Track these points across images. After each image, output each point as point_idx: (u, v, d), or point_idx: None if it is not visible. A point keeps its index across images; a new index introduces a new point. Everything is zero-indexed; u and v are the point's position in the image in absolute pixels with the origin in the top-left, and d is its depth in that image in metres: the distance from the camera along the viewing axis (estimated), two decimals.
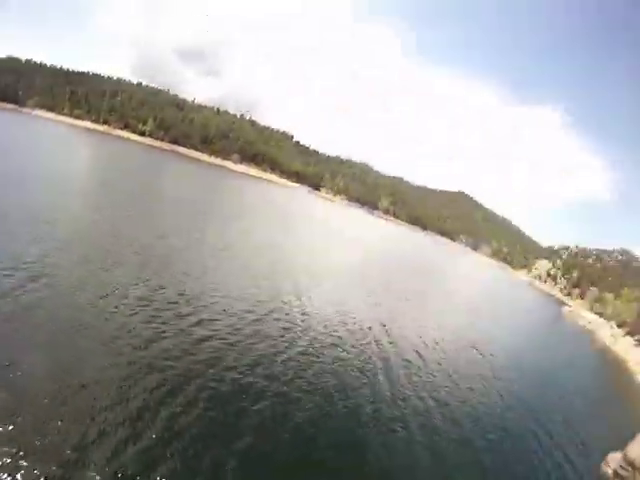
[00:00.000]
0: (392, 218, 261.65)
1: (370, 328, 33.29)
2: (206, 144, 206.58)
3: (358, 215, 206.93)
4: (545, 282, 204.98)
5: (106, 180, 66.76)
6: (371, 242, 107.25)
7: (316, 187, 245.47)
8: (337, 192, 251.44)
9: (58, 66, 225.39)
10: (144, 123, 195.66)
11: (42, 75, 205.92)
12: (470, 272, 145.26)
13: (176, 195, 70.51)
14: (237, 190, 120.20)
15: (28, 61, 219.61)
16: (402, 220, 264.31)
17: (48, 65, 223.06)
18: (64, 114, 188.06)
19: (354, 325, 32.76)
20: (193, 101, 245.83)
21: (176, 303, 26.34)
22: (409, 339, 34.19)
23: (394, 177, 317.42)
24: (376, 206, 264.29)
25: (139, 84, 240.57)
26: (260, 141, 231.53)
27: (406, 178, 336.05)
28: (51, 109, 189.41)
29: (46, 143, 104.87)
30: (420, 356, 30.99)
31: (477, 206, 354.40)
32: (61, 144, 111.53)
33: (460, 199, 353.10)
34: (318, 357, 25.31)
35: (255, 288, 33.95)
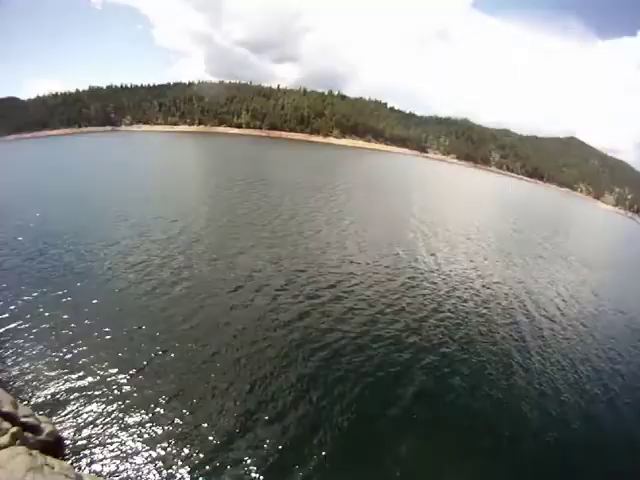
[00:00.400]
0: (507, 172, 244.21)
1: (511, 288, 34.16)
2: (304, 125, 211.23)
3: (473, 173, 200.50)
4: None
5: (240, 170, 75.71)
6: (501, 200, 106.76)
7: (422, 149, 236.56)
8: (445, 152, 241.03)
9: (139, 84, 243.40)
10: (238, 116, 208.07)
11: (127, 95, 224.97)
12: (604, 224, 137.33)
13: (303, 174, 74.29)
14: (354, 163, 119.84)
15: (109, 87, 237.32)
16: (517, 173, 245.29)
17: (129, 85, 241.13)
18: (158, 124, 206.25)
19: (495, 287, 33.61)
20: (278, 87, 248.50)
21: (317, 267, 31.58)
22: (553, 302, 33.68)
23: (499, 130, 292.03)
24: (488, 161, 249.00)
25: (221, 82, 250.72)
26: (355, 113, 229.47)
27: (512, 129, 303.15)
28: (145, 122, 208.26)
29: (157, 148, 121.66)
30: (572, 324, 30.27)
31: (591, 151, 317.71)
32: (170, 146, 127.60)
33: (572, 145, 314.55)
34: (466, 318, 27.13)
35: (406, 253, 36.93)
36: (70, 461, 14.24)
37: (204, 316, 24.44)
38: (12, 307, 25.16)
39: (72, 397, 17.74)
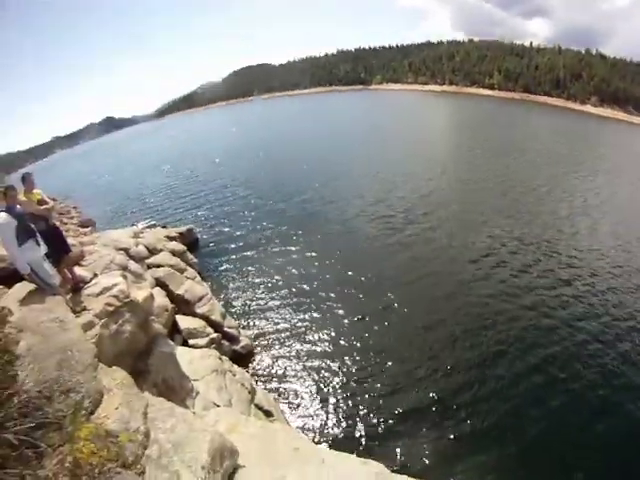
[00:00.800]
0: None
1: None
2: (559, 88, 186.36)
3: None
4: None
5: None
6: None
7: None
8: None
9: (386, 45, 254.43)
10: (490, 76, 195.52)
11: (375, 56, 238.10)
12: None
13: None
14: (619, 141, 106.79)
15: (357, 49, 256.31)
16: None
17: (377, 47, 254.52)
18: (409, 83, 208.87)
19: None
20: (531, 45, 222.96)
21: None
22: None
23: None
24: None
25: (470, 40, 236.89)
26: (616, 77, 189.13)
27: None
28: (395, 81, 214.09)
29: (407, 106, 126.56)
30: None
31: None
32: (420, 105, 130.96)
33: None
34: None
35: None
36: (251, 374, 16.47)
37: (429, 283, 23.96)
38: (253, 239, 29.58)
39: (275, 324, 20.08)
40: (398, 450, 13.38)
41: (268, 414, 12.45)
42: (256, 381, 15.84)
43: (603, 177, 52.95)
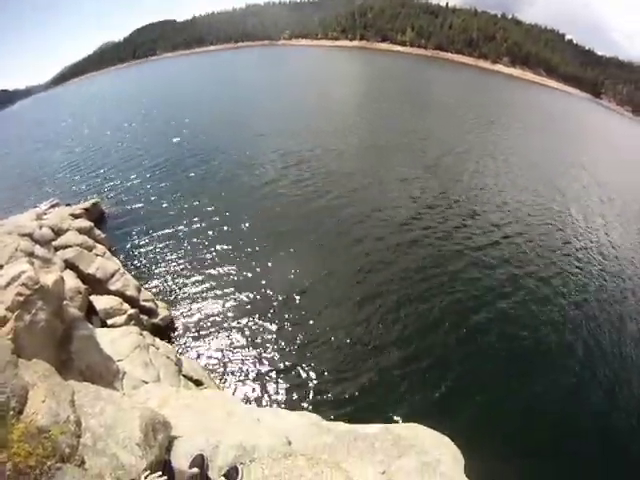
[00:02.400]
0: None
1: None
2: (472, 48, 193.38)
3: None
4: None
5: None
6: None
7: (596, 94, 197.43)
8: (620, 102, 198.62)
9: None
10: (403, 33, 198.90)
11: (285, 10, 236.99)
12: None
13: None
14: (523, 98, 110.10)
15: (267, 3, 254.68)
16: None
17: (287, 1, 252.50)
18: (318, 38, 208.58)
19: None
20: (447, 5, 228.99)
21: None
22: None
23: None
24: None
25: None
26: (529, 41, 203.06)
27: None
28: (304, 37, 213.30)
29: (311, 62, 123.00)
30: None
31: None
32: (325, 61, 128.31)
33: None
34: None
35: None
36: (175, 345, 16.42)
37: (346, 238, 24.74)
38: (159, 207, 28.89)
39: (192, 291, 20.08)
40: (333, 401, 14.12)
41: (198, 383, 12.59)
42: (181, 352, 15.89)
43: (517, 134, 56.42)
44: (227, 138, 42.92)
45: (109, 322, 14.45)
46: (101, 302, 15.15)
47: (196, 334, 17.36)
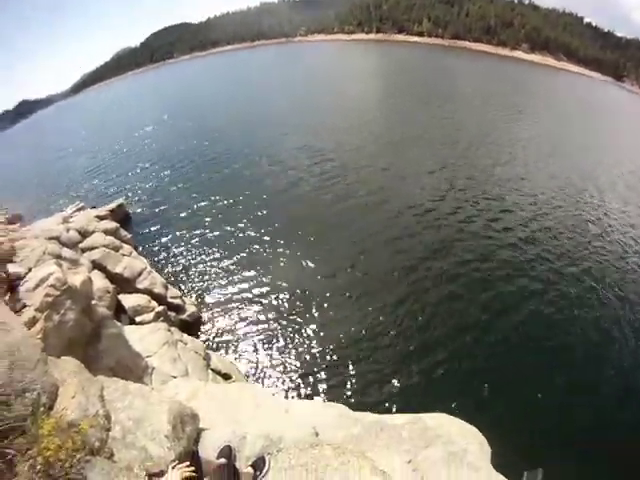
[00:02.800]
0: None
1: None
2: (490, 35, 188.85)
3: None
4: None
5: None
6: None
7: (618, 77, 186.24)
8: None
9: None
10: (419, 24, 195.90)
11: (299, 8, 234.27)
12: None
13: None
14: (544, 84, 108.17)
15: (281, 1, 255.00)
16: None
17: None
18: (334, 33, 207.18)
19: None
20: None
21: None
22: None
23: None
24: None
25: None
26: (547, 26, 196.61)
27: None
28: (320, 32, 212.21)
29: (328, 58, 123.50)
30: None
31: None
32: (343, 56, 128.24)
33: None
34: None
35: None
36: (203, 340, 16.65)
37: (373, 235, 24.35)
38: (184, 206, 29.21)
39: (219, 288, 20.26)
40: (361, 392, 14.17)
41: (226, 377, 12.76)
42: (209, 347, 16.07)
43: (544, 121, 55.03)
44: (247, 138, 42.93)
45: (137, 319, 14.73)
46: (129, 300, 15.45)
47: (224, 329, 17.55)
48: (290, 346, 16.23)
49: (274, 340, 16.64)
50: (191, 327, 17.05)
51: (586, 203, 29.75)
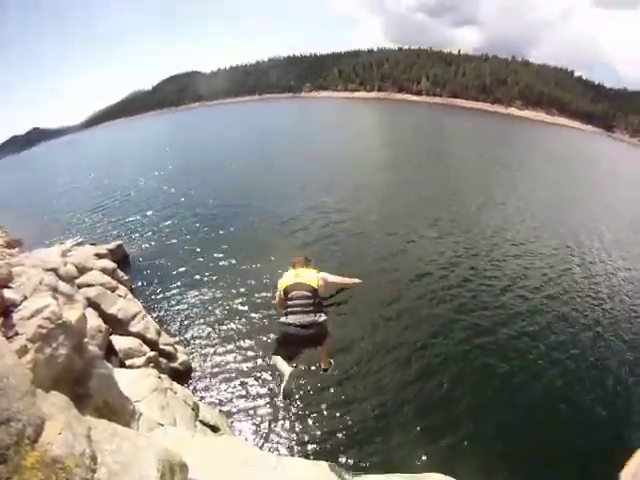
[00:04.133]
0: None
1: None
2: (485, 94, 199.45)
3: None
4: None
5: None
6: None
7: (609, 128, 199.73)
8: (634, 133, 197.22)
9: (317, 53, 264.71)
10: (418, 83, 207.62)
11: (306, 64, 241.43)
12: None
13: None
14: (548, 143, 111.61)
15: (288, 57, 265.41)
16: None
17: (308, 55, 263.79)
18: (338, 90, 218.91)
19: None
20: (459, 53, 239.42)
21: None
22: None
23: None
24: None
25: (400, 49, 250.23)
26: (539, 82, 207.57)
27: None
28: (325, 89, 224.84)
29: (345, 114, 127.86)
30: None
31: None
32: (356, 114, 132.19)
33: None
34: None
35: None
36: (192, 390, 16.15)
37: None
38: (182, 253, 29.27)
39: (212, 338, 19.87)
40: (350, 449, 13.68)
41: (215, 429, 12.26)
42: (198, 397, 15.58)
43: (541, 178, 56.84)
44: (253, 191, 43.41)
45: (128, 362, 14.31)
46: (121, 343, 15.06)
47: (214, 381, 17.11)
48: (279, 401, 15.77)
49: (264, 393, 16.21)
50: (181, 376, 16.60)
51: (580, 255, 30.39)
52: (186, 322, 21.22)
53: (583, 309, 23.67)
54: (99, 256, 23.61)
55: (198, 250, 29.30)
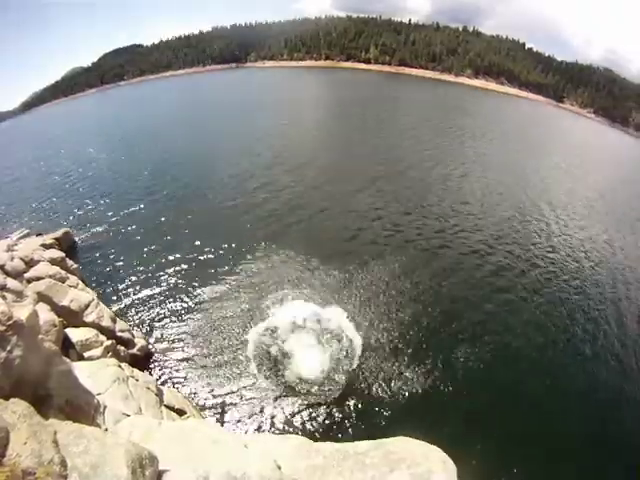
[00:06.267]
0: None
1: None
2: (435, 62, 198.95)
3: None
4: None
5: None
6: None
7: (559, 99, 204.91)
8: (582, 105, 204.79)
9: (263, 22, 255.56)
10: (366, 51, 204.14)
11: (251, 33, 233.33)
12: None
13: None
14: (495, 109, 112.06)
15: (233, 26, 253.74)
16: None
17: (253, 23, 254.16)
18: (284, 59, 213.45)
19: None
20: (409, 22, 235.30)
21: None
22: None
23: None
24: (626, 122, 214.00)
25: (349, 17, 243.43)
26: (490, 52, 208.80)
27: None
28: (270, 58, 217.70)
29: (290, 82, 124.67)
30: None
31: None
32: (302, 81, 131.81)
33: None
34: None
35: None
36: (155, 375, 16.07)
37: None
38: (130, 235, 28.74)
39: (168, 319, 19.85)
40: (317, 421, 14.03)
41: (180, 412, 12.32)
42: (161, 381, 15.56)
43: (495, 143, 58.27)
44: (200, 170, 42.60)
45: (86, 355, 14.02)
46: (77, 334, 14.69)
47: (175, 362, 17.09)
48: (243, 378, 15.95)
49: (226, 372, 16.35)
50: (141, 361, 16.45)
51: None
52: (141, 306, 20.92)
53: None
54: (46, 246, 22.73)
55: (148, 232, 28.66)
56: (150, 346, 17.88)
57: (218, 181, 36.74)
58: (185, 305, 20.51)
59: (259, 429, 13.60)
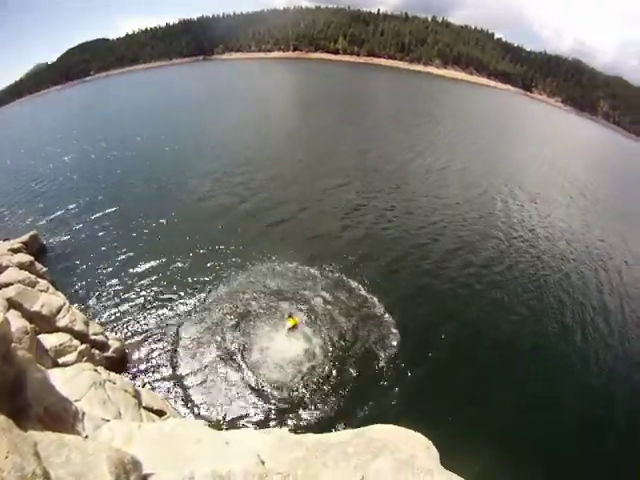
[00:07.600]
0: (613, 125, 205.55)
1: None
2: (404, 52, 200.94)
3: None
4: None
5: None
6: None
7: (527, 88, 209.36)
8: (551, 94, 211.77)
9: (231, 13, 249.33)
10: (335, 42, 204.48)
11: (218, 25, 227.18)
12: None
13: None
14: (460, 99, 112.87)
15: (200, 18, 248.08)
16: (626, 129, 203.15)
17: (221, 15, 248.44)
18: (251, 51, 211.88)
19: None
20: (378, 12, 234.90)
21: None
22: None
23: (612, 77, 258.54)
24: (595, 110, 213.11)
25: (317, 8, 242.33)
26: (459, 43, 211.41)
27: (626, 77, 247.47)
28: (238, 50, 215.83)
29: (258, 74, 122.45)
30: None
31: None
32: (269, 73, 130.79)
33: None
34: None
35: None
36: (131, 377, 15.92)
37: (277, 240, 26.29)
38: (100, 235, 28.27)
39: (142, 319, 19.63)
40: (298, 413, 14.18)
41: (160, 413, 12.28)
42: (138, 383, 15.44)
43: (462, 132, 59.40)
44: (164, 162, 42.35)
45: (60, 361, 13.78)
46: (50, 340, 14.41)
47: (151, 363, 16.97)
48: (220, 375, 15.96)
49: (203, 370, 16.34)
50: (117, 364, 16.28)
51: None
52: (113, 308, 20.62)
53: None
54: (13, 251, 22.12)
55: (119, 233, 28.17)
56: (125, 348, 17.67)
57: (189, 180, 36.41)
58: (158, 304, 20.38)
59: (239, 424, 13.66)
